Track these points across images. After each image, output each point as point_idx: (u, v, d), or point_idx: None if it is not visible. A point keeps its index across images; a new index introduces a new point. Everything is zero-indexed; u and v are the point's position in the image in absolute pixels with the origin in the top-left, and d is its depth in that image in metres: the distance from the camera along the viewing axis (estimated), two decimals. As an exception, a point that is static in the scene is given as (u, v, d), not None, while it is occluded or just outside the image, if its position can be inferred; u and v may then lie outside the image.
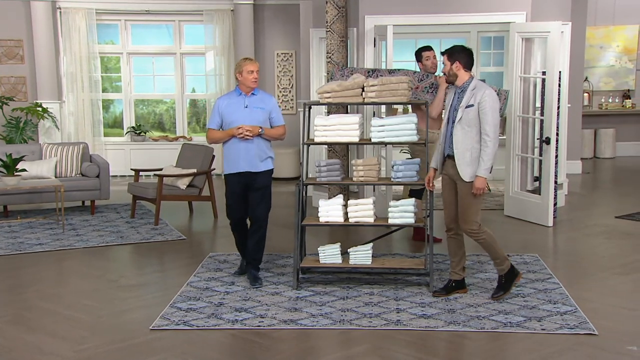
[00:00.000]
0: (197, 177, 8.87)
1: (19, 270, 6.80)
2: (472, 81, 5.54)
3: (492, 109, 5.40)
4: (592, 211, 9.05)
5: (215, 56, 12.13)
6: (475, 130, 5.45)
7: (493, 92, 5.49)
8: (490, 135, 5.41)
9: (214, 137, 6.19)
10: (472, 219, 5.56)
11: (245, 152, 6.04)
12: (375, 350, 4.76)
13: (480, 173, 5.46)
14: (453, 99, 5.61)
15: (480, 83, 5.56)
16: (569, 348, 4.74)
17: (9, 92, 11.82)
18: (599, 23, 13.57)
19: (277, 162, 11.84)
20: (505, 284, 5.67)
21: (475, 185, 5.48)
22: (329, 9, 8.50)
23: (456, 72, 5.54)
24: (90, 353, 4.79)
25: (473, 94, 5.46)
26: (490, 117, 5.40)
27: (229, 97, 6.21)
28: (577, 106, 11.17)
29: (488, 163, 5.44)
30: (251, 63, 6.10)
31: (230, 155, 6.11)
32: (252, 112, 6.08)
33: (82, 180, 9.26)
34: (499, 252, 5.64)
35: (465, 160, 5.49)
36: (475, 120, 5.44)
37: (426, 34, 12.04)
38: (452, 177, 5.64)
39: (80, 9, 11.86)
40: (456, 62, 5.53)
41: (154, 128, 13.07)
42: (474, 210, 5.57)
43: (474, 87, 5.49)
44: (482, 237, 5.60)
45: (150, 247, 7.58)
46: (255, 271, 6.21)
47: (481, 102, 5.41)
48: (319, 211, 6.12)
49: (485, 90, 5.45)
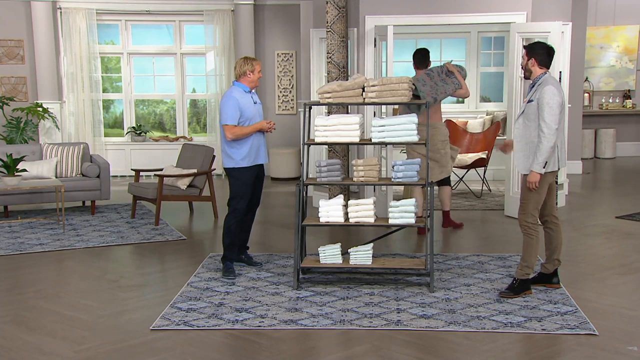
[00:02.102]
0: (197, 178, 8.87)
1: (19, 270, 6.81)
2: (543, 77, 5.56)
3: (548, 105, 5.40)
4: (593, 211, 9.05)
5: (216, 56, 12.13)
6: (535, 125, 5.50)
7: (553, 89, 5.44)
8: (545, 131, 5.41)
9: (240, 132, 6.28)
10: (528, 211, 5.62)
11: (261, 147, 6.49)
12: (376, 350, 4.76)
13: (533, 168, 5.50)
14: (528, 93, 5.68)
15: (548, 79, 5.53)
16: (569, 348, 4.74)
17: (10, 92, 11.82)
18: (600, 23, 13.57)
19: (277, 162, 11.87)
20: (517, 287, 5.70)
21: (528, 179, 5.54)
22: (329, 9, 8.50)
23: (531, 68, 5.58)
24: (90, 353, 4.79)
25: (536, 89, 5.52)
26: (546, 113, 5.40)
27: (241, 94, 6.34)
28: (578, 106, 11.17)
29: (541, 158, 5.45)
30: (259, 62, 6.46)
31: (251, 150, 6.38)
32: (258, 108, 6.51)
33: (83, 181, 9.27)
34: (533, 259, 5.69)
35: (523, 153, 5.59)
36: (535, 115, 5.48)
37: (426, 34, 12.04)
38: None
39: (80, 9, 11.86)
40: (532, 58, 5.56)
41: (154, 128, 13.08)
42: (532, 203, 5.62)
43: (540, 83, 5.53)
44: (532, 234, 5.65)
45: (150, 247, 7.58)
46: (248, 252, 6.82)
47: (540, 98, 5.44)
48: (320, 211, 6.12)
49: (546, 87, 5.45)
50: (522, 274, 5.70)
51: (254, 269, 6.59)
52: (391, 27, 8.19)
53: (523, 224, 5.67)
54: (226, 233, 6.43)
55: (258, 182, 6.60)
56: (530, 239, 5.65)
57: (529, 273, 5.72)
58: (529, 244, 5.66)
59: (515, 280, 5.73)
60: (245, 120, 6.30)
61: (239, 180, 6.40)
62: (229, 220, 6.44)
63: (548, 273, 5.89)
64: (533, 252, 5.67)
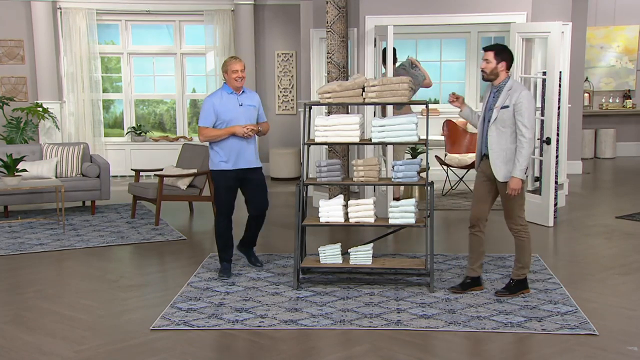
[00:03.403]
0: (197, 178, 8.87)
1: (19, 270, 6.81)
2: (509, 81, 5.50)
3: (528, 110, 5.38)
4: (593, 211, 9.05)
5: (216, 56, 12.13)
6: (510, 131, 5.44)
7: (529, 93, 5.46)
8: (527, 136, 5.38)
9: (210, 134, 6.22)
10: (516, 214, 5.60)
11: (243, 150, 6.24)
12: (376, 350, 4.76)
13: (515, 174, 5.45)
14: (488, 98, 5.60)
15: (517, 83, 5.54)
16: (570, 348, 4.74)
17: (10, 92, 11.82)
18: (600, 23, 13.56)
19: (277, 162, 11.87)
20: (513, 287, 5.70)
21: (510, 186, 5.48)
22: (329, 9, 8.50)
23: (499, 71, 5.49)
24: (90, 353, 4.79)
25: (509, 94, 5.43)
26: (527, 118, 5.37)
27: (220, 96, 6.26)
28: (578, 106, 11.17)
29: (524, 164, 5.42)
30: (236, 62, 6.20)
31: (230, 153, 6.21)
32: (246, 110, 6.27)
33: (83, 181, 9.26)
34: (528, 259, 5.69)
35: (500, 160, 5.50)
36: (510, 121, 5.42)
37: (426, 34, 12.04)
38: (489, 176, 5.64)
39: (80, 9, 11.85)
40: (503, 62, 5.49)
41: (154, 128, 13.07)
42: (517, 207, 5.59)
43: (510, 88, 5.46)
44: (523, 236, 5.63)
45: (150, 248, 7.58)
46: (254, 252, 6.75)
47: (517, 104, 5.38)
48: (320, 211, 6.12)
49: (522, 92, 5.42)
50: (519, 274, 5.70)
51: (255, 268, 6.59)
52: (391, 27, 8.19)
53: (513, 228, 5.66)
54: (216, 237, 6.43)
55: (252, 186, 6.39)
56: (522, 241, 5.64)
57: (526, 273, 5.72)
58: (521, 246, 5.65)
59: (512, 281, 5.74)
60: (222, 122, 6.19)
61: (217, 184, 6.35)
62: (216, 224, 6.44)
63: (477, 276, 5.85)
64: (527, 252, 5.67)
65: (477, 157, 5.76)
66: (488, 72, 5.50)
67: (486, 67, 5.50)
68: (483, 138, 5.61)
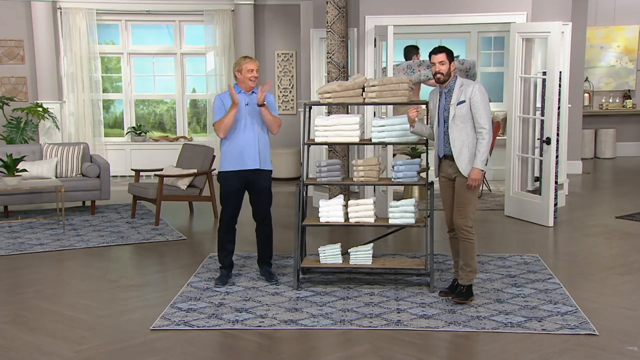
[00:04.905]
0: (197, 178, 8.87)
1: (19, 270, 6.80)
2: (457, 79, 5.57)
3: (483, 102, 5.47)
4: (593, 211, 9.05)
5: (216, 56, 12.13)
6: (470, 126, 5.49)
7: (481, 86, 5.55)
8: (486, 128, 5.45)
9: (221, 123, 5.98)
10: (469, 215, 5.57)
11: (251, 149, 6.04)
12: (376, 350, 4.76)
13: (476, 165, 5.47)
14: (440, 100, 5.61)
15: (466, 79, 5.62)
16: (570, 348, 4.74)
17: (10, 92, 11.82)
18: (600, 23, 13.56)
19: (277, 162, 11.86)
20: (465, 293, 5.62)
21: (470, 176, 5.48)
22: (329, 9, 8.50)
23: (452, 71, 5.55)
24: (90, 353, 4.79)
25: (462, 90, 5.50)
26: (483, 110, 5.45)
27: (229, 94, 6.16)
28: (578, 106, 11.17)
29: (484, 155, 5.47)
30: (251, 62, 6.07)
31: (233, 151, 6.06)
32: (253, 109, 6.07)
33: (83, 181, 9.26)
34: (474, 262, 5.64)
35: (464, 155, 5.50)
36: (468, 116, 5.47)
37: (426, 34, 12.03)
38: (449, 176, 5.64)
39: (80, 9, 11.86)
40: (452, 61, 5.56)
41: (154, 128, 13.07)
42: (471, 206, 5.58)
43: (461, 84, 5.53)
44: (472, 238, 5.60)
45: (150, 248, 7.58)
46: (269, 268, 6.30)
47: (472, 97, 5.45)
48: (320, 211, 6.12)
49: (475, 86, 5.50)
50: (467, 279, 5.62)
51: (255, 269, 6.57)
52: (391, 27, 8.19)
53: (463, 229, 5.56)
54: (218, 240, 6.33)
55: (256, 191, 6.17)
56: (470, 244, 5.58)
57: (473, 278, 5.65)
58: (469, 249, 5.59)
59: (462, 287, 5.63)
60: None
61: (221, 186, 6.20)
62: (218, 228, 6.33)
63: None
64: (474, 255, 5.62)
65: (435, 162, 5.73)
66: (445, 73, 5.53)
67: (443, 69, 5.52)
68: (441, 140, 5.62)
